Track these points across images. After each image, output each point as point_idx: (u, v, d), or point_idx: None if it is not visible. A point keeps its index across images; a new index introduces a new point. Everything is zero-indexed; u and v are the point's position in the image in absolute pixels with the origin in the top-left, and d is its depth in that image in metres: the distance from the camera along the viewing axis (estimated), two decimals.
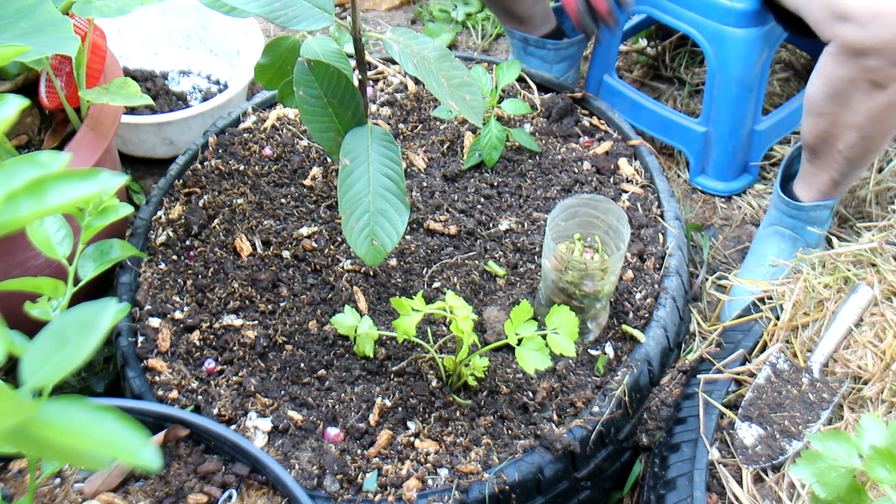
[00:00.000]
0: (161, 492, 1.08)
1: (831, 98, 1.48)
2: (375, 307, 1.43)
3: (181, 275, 1.48)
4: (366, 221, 1.24)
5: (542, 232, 1.53)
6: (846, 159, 1.56)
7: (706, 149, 1.92)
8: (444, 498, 1.18)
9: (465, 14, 2.52)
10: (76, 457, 0.54)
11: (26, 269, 1.41)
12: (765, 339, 1.36)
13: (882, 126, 1.48)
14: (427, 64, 1.24)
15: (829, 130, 1.53)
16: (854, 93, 1.44)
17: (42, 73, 1.59)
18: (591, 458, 1.28)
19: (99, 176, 0.57)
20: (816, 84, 1.51)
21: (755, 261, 1.73)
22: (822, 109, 1.51)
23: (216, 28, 2.22)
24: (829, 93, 1.48)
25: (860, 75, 1.41)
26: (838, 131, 1.52)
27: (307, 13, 1.22)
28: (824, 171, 1.61)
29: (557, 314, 1.23)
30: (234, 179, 1.63)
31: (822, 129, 1.54)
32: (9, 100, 0.58)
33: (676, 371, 1.40)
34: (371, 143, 1.27)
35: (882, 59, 1.37)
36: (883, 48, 1.35)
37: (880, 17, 1.34)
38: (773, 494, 1.17)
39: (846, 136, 1.51)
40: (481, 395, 1.32)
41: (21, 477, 1.08)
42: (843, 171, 1.58)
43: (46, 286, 1.03)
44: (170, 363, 1.36)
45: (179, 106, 2.09)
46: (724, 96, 1.81)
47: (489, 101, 1.65)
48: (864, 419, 0.88)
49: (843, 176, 1.60)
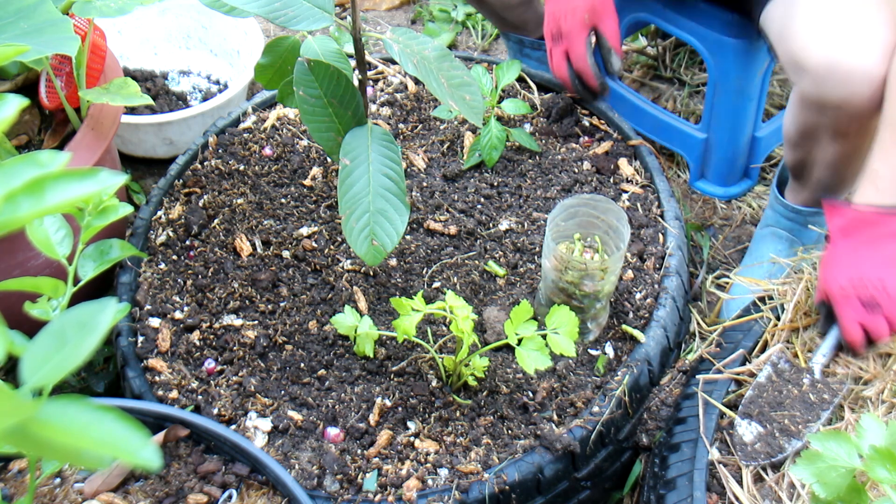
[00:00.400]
0: (161, 492, 1.08)
1: (802, 135, 1.50)
2: (375, 307, 1.43)
3: (181, 275, 1.48)
4: (366, 221, 1.24)
5: (542, 232, 1.53)
6: (823, 186, 1.58)
7: (706, 155, 1.92)
8: (444, 498, 1.18)
9: (465, 14, 2.52)
10: (76, 456, 0.54)
11: (26, 269, 1.41)
12: (765, 340, 1.36)
13: (852, 165, 1.49)
14: (427, 64, 1.24)
15: (805, 160, 1.56)
16: (821, 136, 1.45)
17: (42, 73, 1.59)
18: (591, 458, 1.28)
19: (98, 175, 0.57)
20: (789, 119, 1.53)
21: (753, 261, 1.73)
22: (795, 143, 1.54)
23: (216, 28, 2.23)
24: (800, 130, 1.49)
25: (824, 122, 1.40)
26: (812, 162, 1.55)
27: (307, 13, 1.22)
28: (806, 190, 1.64)
29: (557, 314, 1.23)
30: (234, 179, 1.63)
31: (799, 159, 1.58)
32: (8, 99, 0.58)
33: (676, 371, 1.40)
34: (371, 143, 1.27)
35: (840, 113, 1.35)
36: (841, 104, 1.32)
37: (834, 75, 1.29)
38: (773, 494, 1.17)
39: (819, 168, 1.54)
40: (481, 395, 1.32)
41: (21, 477, 1.08)
42: (823, 193, 1.60)
43: (46, 286, 1.03)
44: (170, 363, 1.36)
45: (179, 106, 2.09)
46: (724, 104, 1.81)
47: (489, 101, 1.65)
48: (864, 419, 0.88)
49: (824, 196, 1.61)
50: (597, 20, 1.59)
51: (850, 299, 1.25)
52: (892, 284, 1.22)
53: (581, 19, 1.58)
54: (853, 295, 1.24)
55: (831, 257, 1.29)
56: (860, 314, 1.24)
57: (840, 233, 1.28)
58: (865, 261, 1.25)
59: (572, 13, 1.58)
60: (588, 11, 1.57)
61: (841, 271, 1.26)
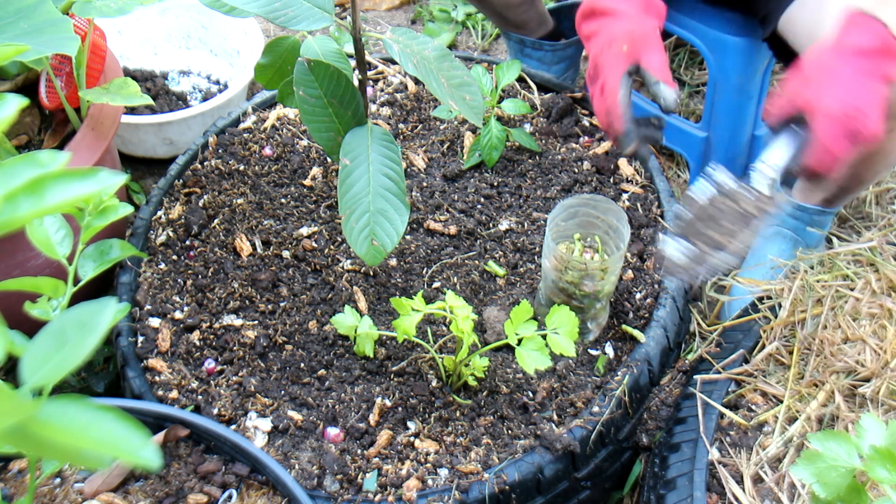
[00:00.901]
0: (161, 492, 1.08)
1: None
2: (375, 307, 1.43)
3: (181, 275, 1.48)
4: (366, 221, 1.24)
5: (542, 232, 1.53)
6: (839, 187, 1.57)
7: (706, 154, 1.92)
8: (444, 498, 1.18)
9: (465, 14, 2.52)
10: (76, 456, 0.54)
11: (26, 269, 1.41)
12: (762, 337, 1.36)
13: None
14: (427, 64, 1.24)
15: None
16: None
17: (42, 73, 1.59)
18: (591, 458, 1.28)
19: (98, 175, 0.57)
20: None
21: (755, 261, 1.73)
22: None
23: (216, 28, 2.23)
24: None
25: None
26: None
27: (307, 13, 1.22)
28: (819, 190, 1.63)
29: (557, 314, 1.23)
30: (234, 179, 1.63)
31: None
32: (8, 99, 0.58)
33: (676, 371, 1.40)
34: (371, 143, 1.27)
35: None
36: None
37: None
38: (772, 495, 1.17)
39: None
40: (481, 395, 1.32)
41: (21, 477, 1.08)
42: (837, 194, 1.60)
43: (46, 286, 1.03)
44: (170, 363, 1.36)
45: (179, 106, 2.09)
46: (724, 103, 1.81)
47: (489, 101, 1.65)
48: (864, 419, 0.88)
49: (836, 197, 1.61)
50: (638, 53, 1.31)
51: (840, 123, 1.15)
52: (873, 125, 1.15)
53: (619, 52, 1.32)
54: (845, 122, 1.15)
55: (831, 69, 1.18)
56: (840, 145, 1.16)
57: (855, 50, 1.17)
58: (869, 93, 1.15)
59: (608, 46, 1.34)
60: (627, 42, 1.31)
61: (840, 91, 1.16)
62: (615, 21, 1.34)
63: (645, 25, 1.33)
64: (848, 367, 1.29)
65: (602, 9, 1.35)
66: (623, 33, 1.32)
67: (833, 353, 1.31)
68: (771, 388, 1.30)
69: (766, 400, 1.30)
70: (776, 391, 1.29)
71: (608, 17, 1.35)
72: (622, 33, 1.32)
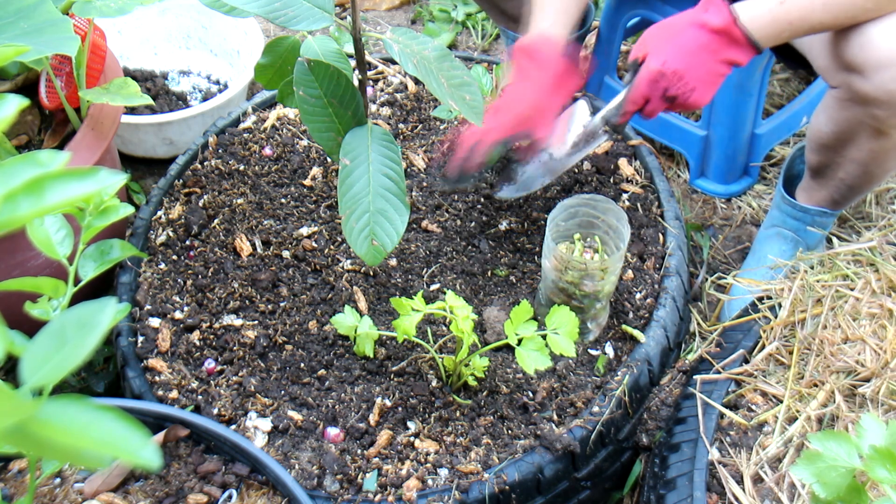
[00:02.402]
0: (161, 492, 1.08)
1: (836, 134, 1.48)
2: (375, 307, 1.43)
3: (181, 275, 1.48)
4: (366, 221, 1.24)
5: (542, 232, 1.52)
6: (847, 186, 1.57)
7: (706, 152, 1.92)
8: (444, 498, 1.18)
9: (465, 14, 2.52)
10: (76, 456, 0.54)
11: (26, 269, 1.41)
12: (762, 338, 1.36)
13: (885, 164, 1.49)
14: (427, 64, 1.24)
15: (833, 160, 1.54)
16: (860, 133, 1.43)
17: (42, 73, 1.59)
18: (591, 458, 1.28)
19: (98, 175, 0.57)
20: (822, 119, 1.50)
21: (756, 262, 1.73)
22: (826, 143, 1.52)
23: (216, 28, 2.23)
24: (834, 130, 1.47)
25: (865, 120, 1.39)
26: (841, 161, 1.52)
27: (307, 13, 1.22)
28: (825, 189, 1.62)
29: (557, 314, 1.23)
30: (234, 179, 1.63)
31: (826, 158, 1.55)
32: (8, 99, 0.58)
33: (676, 371, 1.40)
34: (371, 143, 1.27)
35: (887, 110, 1.34)
36: (889, 99, 1.32)
37: (887, 69, 1.29)
38: (772, 495, 1.17)
39: (849, 166, 1.52)
40: (481, 395, 1.32)
41: (21, 477, 1.08)
42: (844, 194, 1.59)
43: (46, 286, 1.03)
44: (170, 363, 1.36)
45: (179, 106, 2.09)
46: (724, 101, 1.81)
47: (489, 100, 1.65)
48: (864, 419, 0.88)
49: (844, 197, 1.61)
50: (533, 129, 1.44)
51: (652, 79, 1.33)
52: (696, 95, 1.33)
53: (506, 123, 1.43)
54: (657, 79, 1.33)
55: (676, 33, 1.34)
56: (646, 96, 1.35)
57: (703, 25, 1.32)
58: (700, 65, 1.32)
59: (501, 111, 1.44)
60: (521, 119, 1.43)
61: (670, 52, 1.32)
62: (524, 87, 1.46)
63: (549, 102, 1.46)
64: (848, 367, 1.29)
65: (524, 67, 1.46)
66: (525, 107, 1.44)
67: (833, 352, 1.31)
68: (771, 388, 1.30)
69: (766, 400, 1.30)
70: (776, 391, 1.29)
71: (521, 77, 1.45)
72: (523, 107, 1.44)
